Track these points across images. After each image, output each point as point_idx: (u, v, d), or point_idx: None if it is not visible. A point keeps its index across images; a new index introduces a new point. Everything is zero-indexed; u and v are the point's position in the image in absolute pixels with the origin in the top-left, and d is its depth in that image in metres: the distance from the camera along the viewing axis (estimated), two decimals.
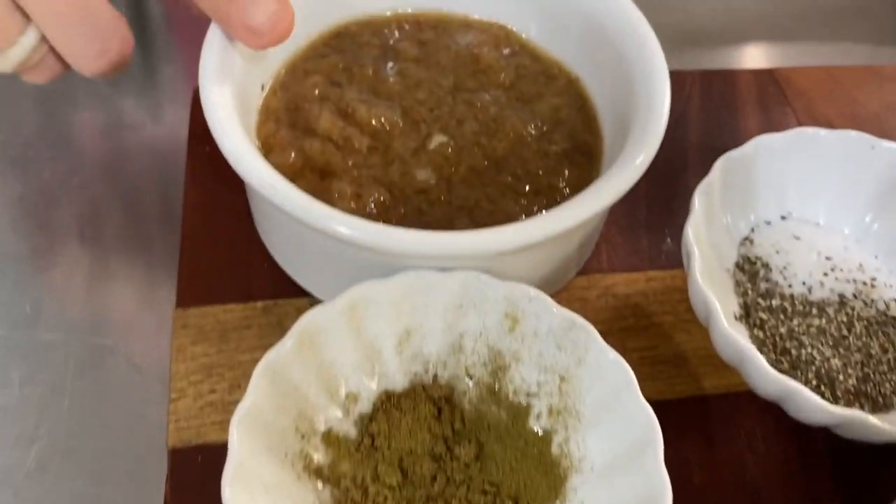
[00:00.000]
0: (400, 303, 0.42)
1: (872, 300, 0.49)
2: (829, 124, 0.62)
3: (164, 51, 0.71)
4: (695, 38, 0.75)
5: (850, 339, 0.47)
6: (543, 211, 0.48)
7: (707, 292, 0.43)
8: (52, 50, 0.41)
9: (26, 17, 0.39)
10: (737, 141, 0.60)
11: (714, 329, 0.43)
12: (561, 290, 0.52)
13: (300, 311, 0.48)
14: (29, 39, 0.40)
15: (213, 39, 0.48)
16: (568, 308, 0.50)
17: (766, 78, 0.65)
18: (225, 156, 0.43)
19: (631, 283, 0.52)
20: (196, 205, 0.53)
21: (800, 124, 0.61)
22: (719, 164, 0.48)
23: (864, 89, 0.65)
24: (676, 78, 0.64)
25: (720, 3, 0.78)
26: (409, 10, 0.57)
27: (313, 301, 0.50)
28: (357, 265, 0.43)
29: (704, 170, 0.58)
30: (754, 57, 0.75)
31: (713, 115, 0.62)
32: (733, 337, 0.41)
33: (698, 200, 0.47)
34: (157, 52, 0.70)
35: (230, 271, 0.50)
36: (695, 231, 0.46)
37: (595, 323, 0.49)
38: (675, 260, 0.53)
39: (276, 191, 0.41)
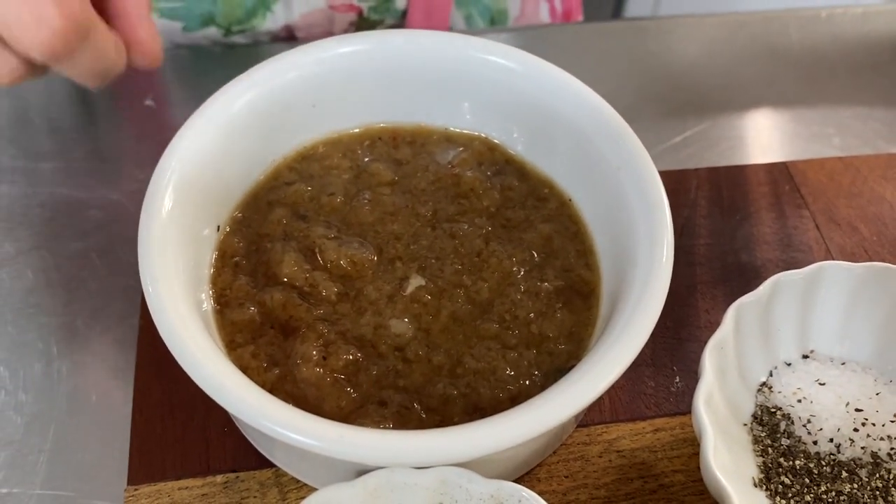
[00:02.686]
0: None
1: None
2: (852, 228, 0.56)
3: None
4: (700, 106, 0.70)
5: None
6: (535, 371, 0.43)
7: (723, 483, 0.37)
8: None
9: None
10: (750, 253, 0.55)
11: None
12: (559, 446, 0.46)
13: (263, 487, 0.44)
14: None
15: (160, 182, 0.43)
16: (568, 469, 0.45)
17: (778, 174, 0.59)
18: (165, 342, 0.37)
19: (636, 436, 0.46)
20: (149, 365, 0.48)
21: (818, 229, 0.56)
22: (731, 314, 0.43)
23: (888, 182, 0.59)
24: (681, 178, 0.59)
25: (725, 69, 0.73)
26: (383, 124, 0.52)
27: (278, 473, 0.44)
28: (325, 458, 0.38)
29: (714, 290, 0.53)
30: (764, 127, 0.69)
31: (722, 222, 0.56)
32: None
33: (709, 360, 0.41)
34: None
35: (187, 439, 0.45)
36: (707, 398, 0.40)
37: (598, 488, 0.45)
38: (686, 402, 0.48)
39: (227, 393, 0.36)
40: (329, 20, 0.72)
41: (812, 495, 0.42)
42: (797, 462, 0.43)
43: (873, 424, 0.44)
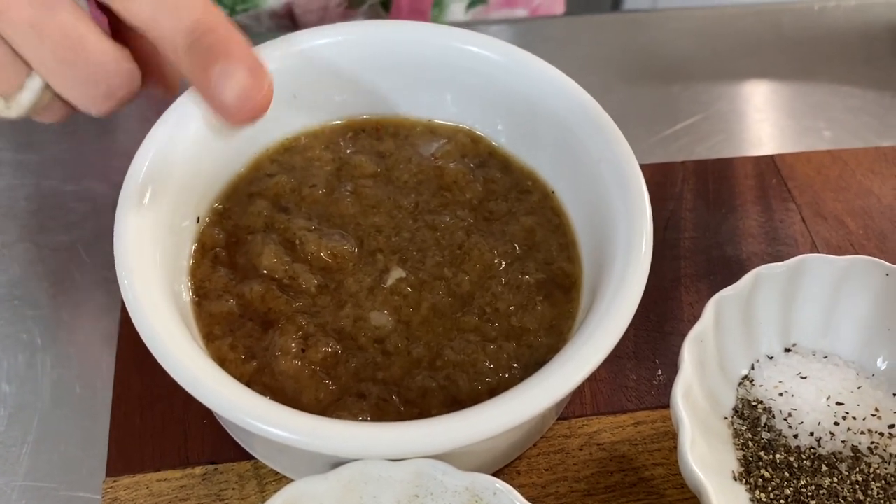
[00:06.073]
0: (344, 499, 0.37)
1: (891, 455, 0.43)
2: (839, 221, 0.56)
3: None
4: (692, 99, 0.70)
5: (867, 503, 0.41)
6: (514, 364, 0.43)
7: (699, 476, 0.37)
8: None
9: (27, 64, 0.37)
10: (735, 246, 0.55)
11: None
12: (539, 439, 0.46)
13: (242, 479, 0.44)
14: (35, 83, 0.38)
15: (136, 173, 0.42)
16: (548, 462, 0.45)
17: (766, 167, 0.59)
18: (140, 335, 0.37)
19: (617, 429, 0.46)
20: (129, 357, 0.48)
21: (804, 223, 0.56)
22: (711, 307, 0.42)
23: (876, 176, 0.59)
24: (667, 171, 0.59)
25: (717, 62, 0.72)
26: (366, 116, 0.51)
27: (257, 465, 0.44)
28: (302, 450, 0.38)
29: (699, 283, 0.53)
30: (756, 120, 0.69)
31: (708, 215, 0.56)
32: None
33: (688, 353, 0.41)
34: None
35: (166, 432, 0.45)
36: (685, 391, 0.40)
37: (578, 481, 0.45)
38: (667, 396, 0.48)
39: (200, 385, 0.36)
40: None
41: (792, 489, 0.42)
42: (777, 456, 0.43)
43: (854, 418, 0.43)
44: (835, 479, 0.42)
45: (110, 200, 0.59)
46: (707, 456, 0.41)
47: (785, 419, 0.44)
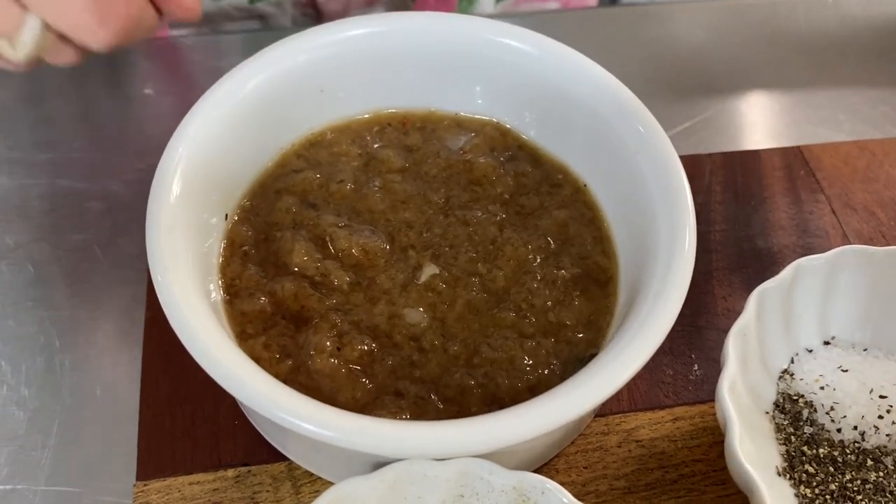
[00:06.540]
0: (388, 499, 0.36)
1: None
2: (869, 212, 0.55)
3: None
4: (708, 91, 0.69)
5: None
6: (553, 360, 0.42)
7: (751, 473, 0.36)
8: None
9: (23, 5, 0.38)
10: (766, 239, 0.54)
11: None
12: (577, 436, 0.45)
13: (276, 481, 0.43)
14: (34, 20, 0.39)
15: (168, 168, 0.42)
16: (587, 460, 0.44)
17: (793, 159, 0.58)
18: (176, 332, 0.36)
19: (655, 425, 0.46)
20: (156, 358, 0.46)
21: (835, 214, 0.55)
22: (753, 300, 0.42)
23: None
24: (695, 163, 0.58)
25: (732, 54, 0.72)
26: (392, 110, 0.50)
27: (291, 466, 0.43)
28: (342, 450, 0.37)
29: (731, 277, 0.52)
30: (773, 112, 0.68)
31: (737, 208, 0.55)
32: None
33: (732, 347, 0.40)
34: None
35: (196, 433, 0.44)
36: (730, 386, 0.39)
37: (617, 478, 0.44)
38: (705, 391, 0.47)
39: (241, 384, 0.35)
40: None
41: (837, 484, 0.41)
42: (821, 450, 0.42)
43: None
44: (881, 474, 0.41)
45: (124, 199, 0.59)
46: (751, 452, 0.40)
47: (827, 413, 0.43)
